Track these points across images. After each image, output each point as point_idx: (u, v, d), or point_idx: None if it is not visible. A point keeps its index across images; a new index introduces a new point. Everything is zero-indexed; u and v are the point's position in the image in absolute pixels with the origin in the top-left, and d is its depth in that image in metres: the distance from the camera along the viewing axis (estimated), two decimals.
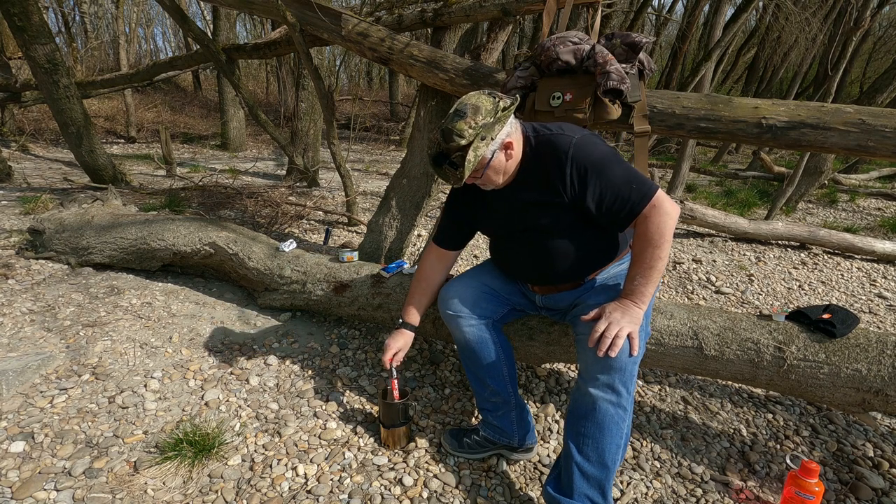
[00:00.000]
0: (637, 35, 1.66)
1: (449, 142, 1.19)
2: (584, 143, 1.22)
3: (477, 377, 1.51)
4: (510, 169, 1.29)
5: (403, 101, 14.20)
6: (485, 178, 1.28)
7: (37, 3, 3.64)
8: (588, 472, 1.20)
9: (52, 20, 12.35)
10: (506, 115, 1.22)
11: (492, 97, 1.22)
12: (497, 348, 1.48)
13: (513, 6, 2.09)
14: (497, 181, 1.30)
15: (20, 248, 2.66)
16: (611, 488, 1.24)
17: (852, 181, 6.75)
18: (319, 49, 8.65)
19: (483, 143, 1.20)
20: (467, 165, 1.19)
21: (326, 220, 4.23)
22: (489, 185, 1.32)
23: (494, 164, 1.25)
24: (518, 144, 1.28)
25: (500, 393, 1.49)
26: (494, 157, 1.24)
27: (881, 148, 1.53)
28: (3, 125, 6.66)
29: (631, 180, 1.20)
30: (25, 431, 1.48)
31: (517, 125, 1.30)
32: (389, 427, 1.52)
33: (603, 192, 1.21)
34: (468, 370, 1.53)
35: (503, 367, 1.49)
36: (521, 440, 1.51)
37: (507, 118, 1.23)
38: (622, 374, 1.18)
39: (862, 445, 1.72)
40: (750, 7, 5.14)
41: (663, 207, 1.19)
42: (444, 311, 1.53)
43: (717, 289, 3.17)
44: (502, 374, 1.49)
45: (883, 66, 12.06)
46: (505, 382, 1.49)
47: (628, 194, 1.19)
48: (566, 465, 1.24)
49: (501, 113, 1.21)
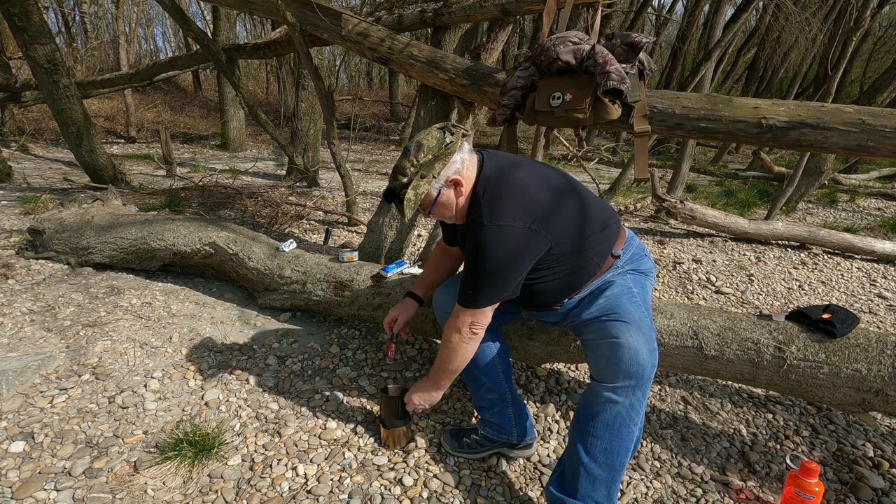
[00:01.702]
0: (637, 35, 1.66)
1: (394, 180, 1.24)
2: (491, 235, 1.18)
3: (472, 375, 1.51)
4: (462, 205, 1.27)
5: (403, 101, 14.20)
6: (436, 212, 1.29)
7: (37, 3, 3.64)
8: (595, 473, 1.19)
9: (52, 20, 12.35)
10: (446, 153, 1.21)
11: (442, 132, 1.23)
12: (491, 346, 1.48)
13: (513, 6, 2.09)
14: (449, 216, 1.30)
15: (20, 248, 2.66)
16: (616, 491, 1.23)
17: (852, 181, 6.75)
18: (319, 49, 8.64)
19: (423, 182, 1.21)
20: (407, 203, 1.21)
21: (326, 220, 4.23)
22: (447, 220, 1.33)
23: (442, 201, 1.25)
24: (468, 183, 1.25)
25: (495, 390, 1.49)
26: (441, 194, 1.24)
27: (881, 148, 1.53)
28: (3, 125, 6.66)
29: (478, 287, 1.22)
30: (25, 431, 1.48)
31: (472, 162, 1.27)
32: (389, 423, 1.53)
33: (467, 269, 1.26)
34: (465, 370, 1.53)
35: (497, 364, 1.49)
36: (520, 437, 1.51)
37: (447, 156, 1.21)
38: (639, 379, 1.17)
39: (862, 445, 1.72)
40: (750, 7, 5.13)
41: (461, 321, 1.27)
42: (438, 311, 1.57)
43: (717, 289, 3.17)
44: (497, 371, 1.49)
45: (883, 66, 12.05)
46: (500, 379, 1.49)
47: (465, 288, 1.25)
48: (571, 465, 1.23)
49: (443, 150, 1.21)
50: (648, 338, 1.20)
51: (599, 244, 1.31)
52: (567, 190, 1.29)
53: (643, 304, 1.31)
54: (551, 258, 1.24)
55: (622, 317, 1.22)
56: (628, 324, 1.20)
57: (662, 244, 4.03)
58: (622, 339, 1.17)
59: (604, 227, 1.32)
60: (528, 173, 1.27)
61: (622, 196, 5.72)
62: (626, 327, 1.19)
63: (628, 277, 1.35)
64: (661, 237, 4.21)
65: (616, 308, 1.25)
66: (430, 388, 1.46)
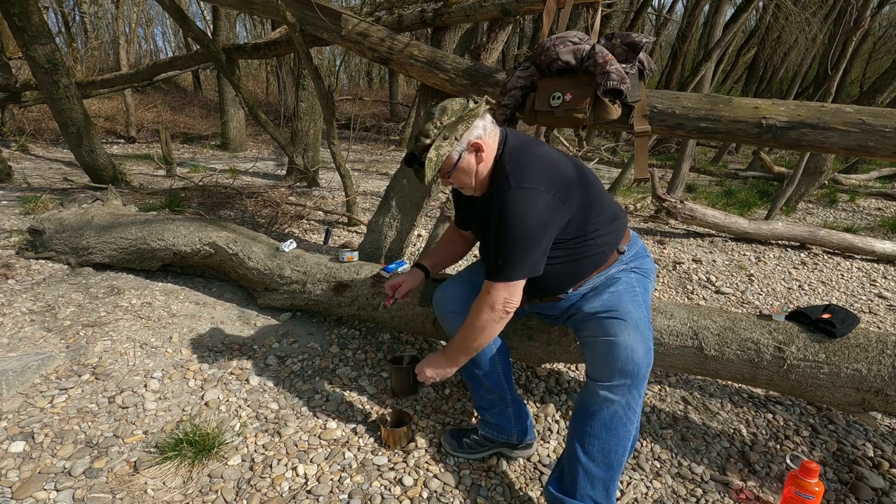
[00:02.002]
0: (637, 35, 1.66)
1: (418, 142, 1.23)
2: (518, 198, 1.18)
3: (473, 375, 1.50)
4: (482, 173, 1.27)
5: (403, 101, 14.20)
6: (455, 179, 1.28)
7: (37, 3, 3.64)
8: (593, 472, 1.20)
9: (52, 20, 12.35)
10: (470, 115, 1.22)
11: (466, 99, 1.24)
12: (491, 346, 1.47)
13: (513, 6, 2.09)
14: (469, 183, 1.29)
15: (20, 248, 2.66)
16: (615, 490, 1.23)
17: (852, 181, 6.75)
18: (319, 49, 8.65)
19: (446, 143, 1.20)
20: (428, 164, 1.21)
21: (326, 220, 4.23)
22: (466, 189, 1.33)
23: (462, 166, 1.25)
24: (490, 150, 1.26)
25: (495, 390, 1.49)
26: (462, 158, 1.24)
27: (881, 148, 1.53)
28: (3, 125, 6.66)
29: (507, 257, 1.20)
30: (25, 431, 1.48)
31: (495, 132, 1.28)
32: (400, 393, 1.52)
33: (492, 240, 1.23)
34: (463, 369, 1.52)
35: (498, 364, 1.48)
36: (520, 437, 1.51)
37: (471, 118, 1.22)
38: (635, 378, 1.17)
39: (862, 445, 1.72)
40: (750, 7, 5.14)
41: (494, 297, 1.22)
42: (438, 309, 1.55)
43: (717, 289, 3.17)
44: (497, 372, 1.48)
45: (883, 66, 12.05)
46: (500, 379, 1.49)
47: (495, 260, 1.22)
48: (570, 464, 1.23)
49: (467, 112, 1.21)
50: (645, 338, 1.21)
51: (608, 234, 1.32)
52: (584, 174, 1.31)
53: (644, 304, 1.32)
54: (565, 236, 1.25)
55: (622, 315, 1.22)
56: (626, 322, 1.21)
57: (662, 244, 4.03)
58: (619, 337, 1.18)
59: (613, 219, 1.34)
60: (551, 150, 1.31)
61: (622, 196, 5.72)
62: (625, 326, 1.20)
63: (633, 276, 1.36)
64: (661, 237, 4.21)
65: (618, 306, 1.26)
66: (445, 363, 1.39)
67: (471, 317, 1.29)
